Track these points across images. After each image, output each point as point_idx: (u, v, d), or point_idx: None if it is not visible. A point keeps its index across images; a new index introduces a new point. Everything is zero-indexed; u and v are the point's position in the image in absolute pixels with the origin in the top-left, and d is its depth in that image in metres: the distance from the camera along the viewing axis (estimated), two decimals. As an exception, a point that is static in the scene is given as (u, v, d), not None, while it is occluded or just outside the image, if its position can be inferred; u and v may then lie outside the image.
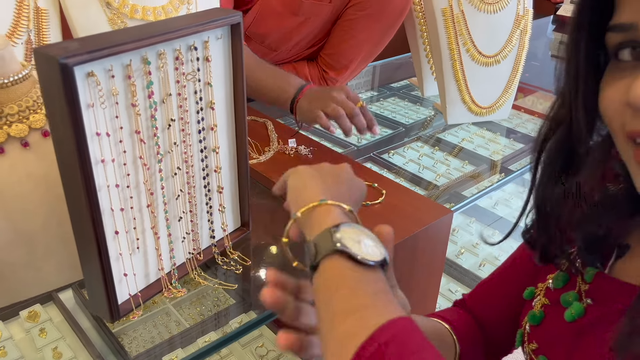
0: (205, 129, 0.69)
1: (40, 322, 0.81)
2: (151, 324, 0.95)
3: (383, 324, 0.35)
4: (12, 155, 0.64)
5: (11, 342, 0.80)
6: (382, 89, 1.69)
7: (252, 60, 1.11)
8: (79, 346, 0.78)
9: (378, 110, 1.54)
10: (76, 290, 0.83)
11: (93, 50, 0.52)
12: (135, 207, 0.63)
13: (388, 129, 1.41)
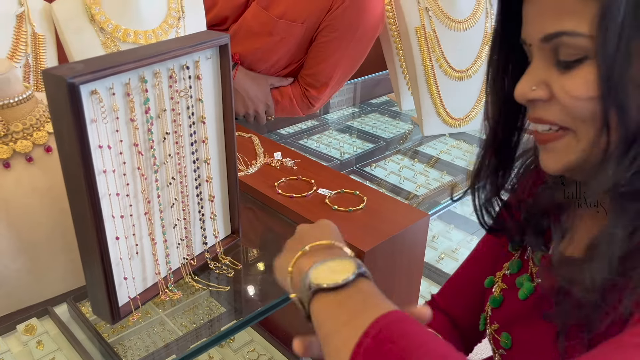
0: (197, 142, 0.75)
1: (37, 334, 0.85)
2: (145, 333, 1.00)
3: (371, 321, 0.39)
4: (17, 170, 0.69)
5: (9, 355, 0.83)
6: (363, 105, 1.77)
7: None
8: (75, 357, 0.82)
9: (360, 125, 1.61)
10: (71, 304, 0.87)
11: (96, 71, 0.58)
12: (134, 214, 0.68)
13: (369, 143, 1.47)
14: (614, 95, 0.45)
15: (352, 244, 0.84)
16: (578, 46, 0.46)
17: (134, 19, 0.96)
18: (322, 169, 1.09)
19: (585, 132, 0.48)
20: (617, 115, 0.45)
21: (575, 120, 0.49)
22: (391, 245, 0.87)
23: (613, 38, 0.44)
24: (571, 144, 0.50)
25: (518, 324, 0.62)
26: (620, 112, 0.45)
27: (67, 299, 0.86)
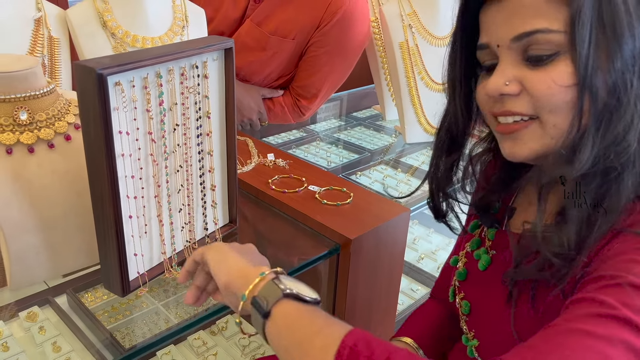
0: (203, 135, 0.83)
1: (39, 321, 0.91)
2: (142, 322, 1.07)
3: (346, 333, 0.47)
4: (40, 154, 0.76)
5: (12, 339, 0.89)
6: (350, 118, 1.86)
7: None
8: (76, 341, 0.88)
9: (346, 137, 1.70)
10: (71, 294, 0.94)
11: (120, 64, 0.66)
12: (146, 196, 0.76)
13: (355, 154, 1.56)
14: (589, 82, 0.53)
15: (341, 233, 0.92)
16: (552, 42, 0.55)
17: (143, 26, 1.04)
18: (312, 169, 1.18)
19: (551, 120, 0.57)
20: (590, 99, 0.54)
21: (543, 110, 0.57)
22: (375, 235, 0.95)
23: (586, 35, 0.53)
24: (536, 131, 0.58)
25: (477, 291, 0.71)
26: (592, 97, 0.54)
27: (67, 289, 0.92)
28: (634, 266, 0.48)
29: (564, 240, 0.55)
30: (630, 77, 0.53)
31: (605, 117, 0.54)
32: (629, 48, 0.53)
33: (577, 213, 0.55)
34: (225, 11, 1.37)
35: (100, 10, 1.02)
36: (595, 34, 0.53)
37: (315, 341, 0.48)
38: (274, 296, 0.53)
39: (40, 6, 1.00)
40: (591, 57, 0.53)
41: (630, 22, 0.53)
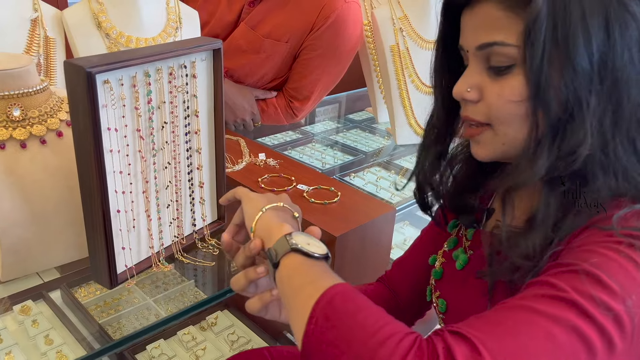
0: (191, 133, 0.86)
1: (32, 315, 0.94)
2: (133, 317, 1.09)
3: (329, 286, 0.50)
4: (32, 150, 0.79)
5: (6, 332, 0.92)
6: (346, 120, 1.88)
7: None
8: (68, 335, 0.91)
9: (342, 139, 1.72)
10: (65, 289, 0.96)
11: (109, 63, 0.68)
12: (134, 191, 0.78)
13: (350, 156, 1.58)
14: (542, 97, 0.55)
15: (326, 230, 0.94)
16: (508, 55, 0.57)
17: (137, 28, 1.07)
18: (302, 169, 1.20)
19: (502, 130, 0.59)
20: (543, 113, 0.56)
21: (495, 120, 0.59)
22: (361, 232, 0.97)
23: (538, 51, 0.54)
24: (490, 137, 0.61)
25: (454, 290, 0.73)
26: (545, 111, 0.56)
27: (60, 285, 0.95)
28: (591, 256, 0.51)
29: (530, 245, 0.57)
30: (585, 95, 0.54)
31: (560, 130, 0.56)
32: (584, 66, 0.54)
33: (543, 218, 0.57)
34: (220, 14, 1.40)
35: (95, 11, 1.05)
36: (548, 50, 0.54)
37: (305, 289, 0.52)
38: (283, 250, 0.57)
39: (37, 7, 1.02)
40: (544, 72, 0.54)
41: (586, 41, 0.53)
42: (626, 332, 0.48)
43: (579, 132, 0.55)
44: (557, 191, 0.58)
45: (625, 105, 0.55)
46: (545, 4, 0.53)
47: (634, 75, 0.55)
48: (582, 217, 0.56)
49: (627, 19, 0.54)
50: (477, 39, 0.59)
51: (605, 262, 0.50)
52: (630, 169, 0.56)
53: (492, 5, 0.57)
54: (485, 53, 0.59)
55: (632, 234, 0.52)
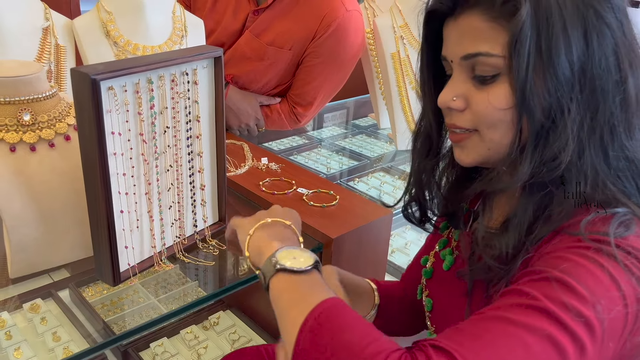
0: (192, 137, 0.89)
1: (41, 312, 0.97)
2: (138, 316, 1.13)
3: (316, 304, 0.53)
4: (41, 153, 0.82)
5: (16, 329, 0.95)
6: (353, 127, 1.91)
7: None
8: (75, 332, 0.94)
9: (347, 145, 1.75)
10: (73, 288, 1.00)
11: (113, 70, 0.72)
12: (137, 193, 0.82)
13: (355, 161, 1.61)
14: (527, 104, 0.58)
15: (324, 232, 0.97)
16: (493, 65, 0.59)
17: (143, 36, 1.11)
18: (302, 173, 1.23)
19: (489, 135, 0.62)
20: (527, 120, 0.59)
21: (482, 125, 0.62)
22: (357, 234, 1.00)
23: (524, 61, 0.56)
24: (476, 142, 0.63)
25: (440, 289, 0.75)
26: (530, 118, 0.58)
27: (69, 284, 0.98)
28: (561, 262, 0.53)
29: (503, 246, 0.60)
30: (567, 102, 0.57)
31: (542, 136, 0.58)
32: (566, 74, 0.56)
33: (519, 221, 0.60)
34: (225, 23, 1.44)
35: (104, 20, 1.09)
36: (533, 60, 0.56)
37: (292, 310, 0.54)
38: (269, 272, 0.60)
39: (48, 16, 1.07)
40: (528, 81, 0.56)
41: (567, 50, 0.56)
42: (596, 336, 0.50)
43: (561, 138, 0.57)
44: (535, 196, 0.60)
45: (601, 112, 0.58)
46: (529, 16, 0.56)
47: (609, 83, 0.58)
48: (553, 222, 0.58)
49: (604, 28, 0.57)
50: (462, 50, 0.61)
51: (575, 268, 0.52)
52: (601, 175, 0.58)
53: (476, 17, 0.60)
54: (470, 63, 0.61)
55: (599, 239, 0.54)
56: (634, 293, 0.52)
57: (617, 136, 0.59)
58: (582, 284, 0.51)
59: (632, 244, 0.54)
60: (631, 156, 0.60)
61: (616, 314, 0.51)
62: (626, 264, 0.53)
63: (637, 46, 0.60)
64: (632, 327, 0.53)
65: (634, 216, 0.57)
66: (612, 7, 0.57)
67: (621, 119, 0.59)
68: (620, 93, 0.58)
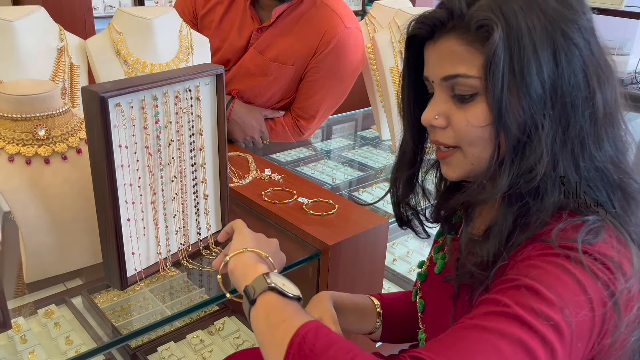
0: (196, 149, 0.94)
1: (55, 318, 1.03)
2: (147, 321, 1.17)
3: (303, 323, 0.58)
4: (54, 165, 0.88)
5: (30, 333, 1.01)
6: (359, 138, 1.96)
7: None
8: (86, 336, 1.00)
9: (353, 156, 1.79)
10: (85, 295, 1.06)
11: (120, 88, 0.78)
12: (143, 202, 0.87)
13: (360, 172, 1.65)
14: (503, 122, 0.62)
15: (322, 240, 1.02)
16: (470, 85, 0.63)
17: (152, 54, 1.17)
18: (304, 183, 1.28)
19: (470, 151, 0.66)
20: (505, 136, 0.63)
21: (463, 143, 0.66)
22: (354, 242, 1.04)
23: (498, 81, 0.61)
24: (460, 159, 0.67)
25: (432, 292, 0.79)
26: (506, 134, 0.63)
27: (81, 291, 1.04)
28: (532, 270, 0.57)
29: (484, 253, 0.64)
30: (540, 118, 0.61)
31: (519, 150, 0.62)
32: (538, 92, 0.60)
33: (499, 230, 0.64)
34: (231, 41, 1.51)
35: (114, 40, 1.16)
36: (506, 80, 0.60)
37: (280, 328, 0.59)
38: (261, 287, 0.65)
39: (62, 37, 1.14)
40: (504, 99, 0.61)
41: (539, 69, 0.60)
42: (565, 339, 0.54)
43: (536, 151, 0.62)
44: (514, 206, 0.64)
45: (572, 126, 0.62)
46: (501, 39, 0.60)
47: (579, 99, 0.62)
48: (529, 230, 0.62)
49: (572, 48, 0.61)
50: (442, 71, 0.66)
51: (544, 275, 0.56)
52: (574, 185, 0.62)
53: (453, 41, 0.64)
54: (450, 83, 0.65)
55: (569, 246, 0.58)
56: (600, 297, 0.56)
57: (587, 148, 0.63)
58: (550, 290, 0.54)
59: (599, 250, 0.58)
60: (600, 166, 0.64)
61: (583, 317, 0.55)
62: (593, 270, 0.56)
63: (604, 63, 0.64)
64: (600, 329, 0.57)
65: (604, 223, 0.61)
66: (579, 28, 0.62)
67: (591, 131, 0.63)
68: (589, 107, 0.62)
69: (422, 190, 0.80)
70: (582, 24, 0.62)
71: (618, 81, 0.65)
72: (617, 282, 0.57)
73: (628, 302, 0.58)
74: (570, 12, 0.61)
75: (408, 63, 0.73)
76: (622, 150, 0.65)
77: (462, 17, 0.63)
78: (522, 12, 0.60)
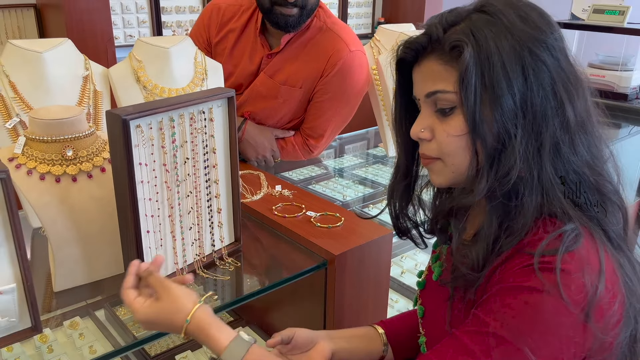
0: (209, 166, 1.02)
1: (80, 329, 1.10)
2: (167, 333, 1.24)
3: None
4: (81, 183, 0.97)
5: (56, 343, 1.08)
6: (371, 157, 2.02)
7: None
8: (109, 345, 1.06)
9: (364, 174, 1.85)
10: (108, 308, 1.13)
11: (140, 112, 0.86)
12: (161, 216, 0.95)
13: (370, 189, 1.71)
14: (478, 131, 0.69)
15: (328, 250, 1.08)
16: (449, 99, 0.71)
17: (169, 80, 1.26)
18: (312, 198, 1.34)
19: (450, 161, 0.73)
20: (481, 144, 0.70)
21: (443, 153, 0.73)
22: (359, 252, 1.10)
23: (471, 94, 0.68)
24: (441, 168, 0.74)
25: (430, 298, 0.85)
26: (482, 142, 0.69)
27: (104, 304, 1.11)
28: (506, 312, 0.66)
29: (474, 255, 0.70)
30: (512, 128, 0.68)
31: (495, 157, 0.69)
32: (509, 104, 0.67)
33: (486, 233, 0.70)
34: (243, 66, 1.60)
35: (135, 68, 1.25)
36: (479, 94, 0.67)
37: None
38: (244, 349, 0.77)
39: (87, 66, 1.23)
40: (477, 112, 0.68)
41: (508, 84, 0.67)
42: None
43: (510, 158, 0.68)
44: (499, 211, 0.70)
45: (545, 135, 0.68)
46: (472, 57, 0.68)
47: (549, 110, 0.68)
48: (514, 234, 0.68)
49: (539, 65, 0.68)
50: (425, 89, 0.73)
51: (509, 320, 0.65)
52: (554, 187, 0.68)
53: (433, 62, 0.72)
54: (433, 99, 0.73)
55: (548, 267, 0.64)
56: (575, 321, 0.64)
57: (563, 153, 0.69)
58: (511, 332, 0.65)
59: (575, 264, 0.65)
60: (579, 170, 0.70)
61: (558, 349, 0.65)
62: (567, 294, 0.63)
63: (574, 77, 0.70)
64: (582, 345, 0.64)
65: (581, 229, 0.67)
66: (546, 46, 0.68)
67: (565, 138, 0.69)
68: (559, 116, 0.68)
69: (419, 202, 0.86)
70: (550, 42, 0.68)
71: (589, 93, 0.71)
72: (589, 295, 0.63)
73: (609, 304, 0.64)
74: (538, 33, 0.68)
75: (399, 85, 0.80)
76: (597, 155, 0.71)
77: (439, 40, 0.70)
78: (492, 34, 0.67)
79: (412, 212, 0.87)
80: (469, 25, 0.69)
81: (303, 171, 1.80)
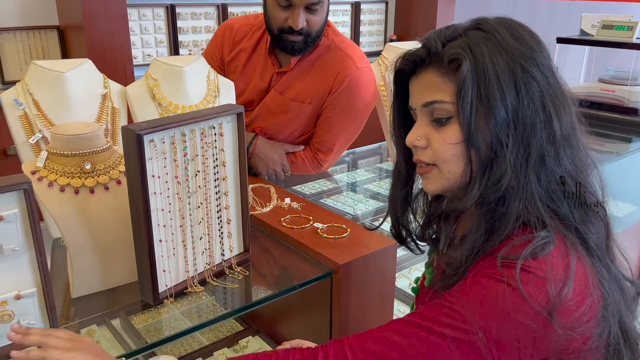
0: (219, 179, 1.07)
1: (96, 337, 1.15)
2: (178, 341, 1.28)
3: None
4: (98, 195, 1.02)
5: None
6: (383, 171, 2.05)
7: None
8: (124, 352, 1.11)
9: (376, 188, 1.89)
10: (123, 317, 1.17)
11: (153, 127, 0.91)
12: (173, 225, 1.00)
13: (381, 202, 1.75)
14: (472, 139, 0.73)
15: (333, 260, 1.12)
16: (446, 109, 0.75)
17: (183, 97, 1.32)
18: (320, 210, 1.38)
19: (446, 168, 0.76)
20: (475, 152, 0.74)
21: (439, 160, 0.77)
22: (364, 262, 1.14)
23: (467, 105, 0.72)
24: (437, 175, 0.78)
25: (423, 302, 0.88)
26: (476, 151, 0.73)
27: (120, 313, 1.15)
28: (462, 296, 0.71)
29: (459, 257, 0.74)
30: (504, 138, 0.72)
31: (488, 165, 0.73)
32: (502, 116, 0.72)
33: (473, 237, 0.74)
34: (254, 83, 1.66)
35: (150, 86, 1.31)
36: (475, 104, 0.72)
37: None
38: None
39: (106, 84, 1.30)
40: (472, 121, 0.72)
41: (502, 96, 0.71)
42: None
43: (501, 166, 0.72)
44: (487, 216, 0.74)
45: (532, 145, 0.72)
46: (469, 71, 0.72)
47: (538, 123, 0.72)
48: (493, 238, 0.72)
49: (530, 80, 0.72)
50: (422, 99, 0.78)
51: (467, 300, 0.69)
52: (536, 196, 0.72)
53: (431, 74, 0.77)
54: (430, 109, 0.77)
55: (509, 264, 0.68)
56: (532, 312, 0.67)
57: (547, 163, 0.72)
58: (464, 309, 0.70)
59: (539, 265, 0.68)
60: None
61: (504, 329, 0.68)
62: (525, 290, 0.67)
63: (560, 94, 0.74)
64: (541, 337, 0.67)
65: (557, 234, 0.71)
66: (536, 63, 0.73)
67: (550, 150, 0.72)
68: (547, 129, 0.72)
69: (413, 209, 0.90)
70: (539, 60, 0.73)
71: (575, 109, 0.75)
72: (551, 297, 0.66)
73: (577, 305, 0.67)
74: (529, 51, 0.72)
75: (397, 96, 0.84)
76: (580, 167, 0.74)
77: (438, 54, 0.75)
78: (487, 50, 0.72)
79: (408, 220, 0.90)
80: (466, 40, 0.74)
81: (315, 185, 1.84)
